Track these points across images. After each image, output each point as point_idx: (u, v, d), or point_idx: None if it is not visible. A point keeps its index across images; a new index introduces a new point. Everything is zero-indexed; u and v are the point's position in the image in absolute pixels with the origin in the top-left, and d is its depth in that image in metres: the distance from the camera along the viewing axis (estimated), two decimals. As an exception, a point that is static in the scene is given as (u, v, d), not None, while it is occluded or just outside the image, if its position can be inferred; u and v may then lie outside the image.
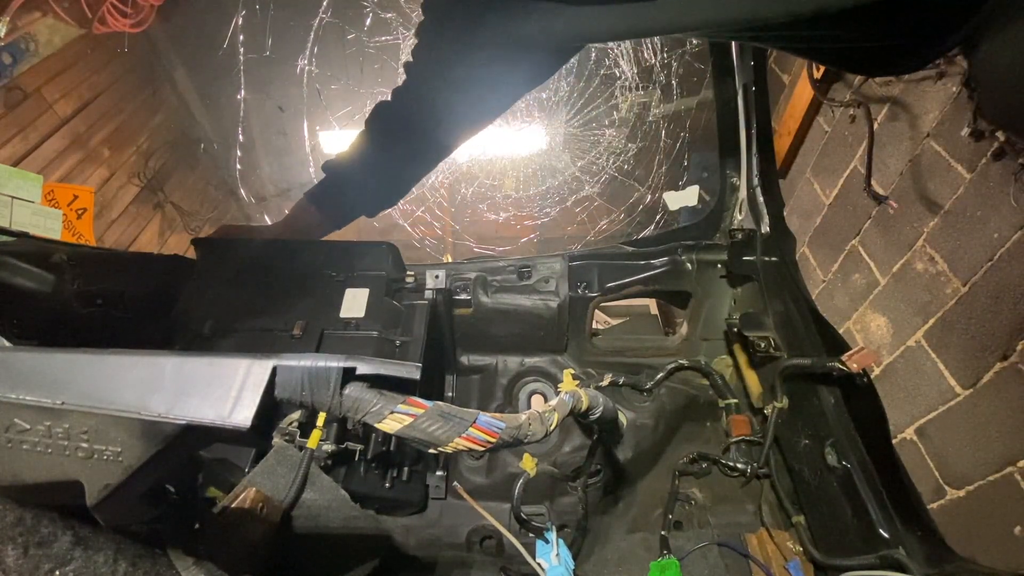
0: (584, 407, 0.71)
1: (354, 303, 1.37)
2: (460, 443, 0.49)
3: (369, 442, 1.18)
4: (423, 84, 1.13)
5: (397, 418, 0.45)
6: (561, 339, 1.45)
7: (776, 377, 1.20)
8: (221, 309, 1.38)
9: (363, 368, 0.44)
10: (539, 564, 0.80)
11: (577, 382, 0.77)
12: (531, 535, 1.03)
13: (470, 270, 1.46)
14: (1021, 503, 1.48)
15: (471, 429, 0.49)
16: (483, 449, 0.51)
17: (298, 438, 1.14)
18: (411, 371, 0.44)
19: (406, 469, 1.20)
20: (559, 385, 0.74)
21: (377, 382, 0.45)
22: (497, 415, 0.52)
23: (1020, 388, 1.51)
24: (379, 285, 1.39)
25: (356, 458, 1.17)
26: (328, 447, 1.12)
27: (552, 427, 0.61)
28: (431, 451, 0.49)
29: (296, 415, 1.09)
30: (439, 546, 1.17)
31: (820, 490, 1.10)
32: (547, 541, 0.79)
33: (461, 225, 4.25)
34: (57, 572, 0.49)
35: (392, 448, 1.19)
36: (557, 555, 0.79)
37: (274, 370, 0.42)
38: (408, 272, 1.43)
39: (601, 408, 0.74)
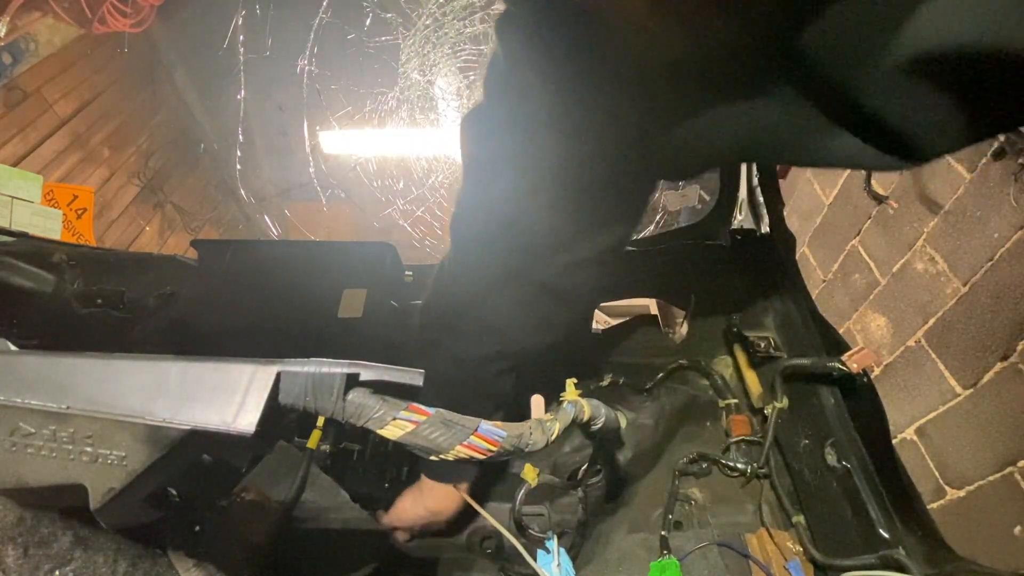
0: (586, 418, 0.71)
1: (352, 303, 1.37)
2: (461, 451, 0.49)
3: (367, 442, 1.18)
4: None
5: (399, 424, 0.46)
6: (561, 339, 1.45)
7: (776, 377, 1.20)
8: (220, 309, 1.38)
9: (366, 374, 0.44)
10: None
11: (579, 392, 0.77)
12: (531, 542, 1.04)
13: (470, 270, 1.46)
14: (1021, 503, 1.48)
15: (472, 437, 0.49)
16: (484, 457, 0.51)
17: (295, 437, 1.15)
18: (414, 377, 0.44)
19: (405, 469, 1.20)
20: (561, 395, 0.74)
21: (380, 387, 0.45)
22: (499, 424, 0.52)
23: (1020, 388, 1.51)
24: (377, 285, 1.39)
25: (354, 458, 1.17)
26: (326, 447, 1.12)
27: (553, 437, 0.61)
28: (432, 458, 0.49)
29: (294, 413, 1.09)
30: (439, 546, 1.17)
31: (820, 490, 1.10)
32: (548, 551, 0.79)
33: (461, 225, 4.24)
34: (57, 572, 0.49)
35: (390, 448, 1.19)
36: (558, 565, 0.79)
37: (278, 376, 0.42)
38: (407, 272, 1.43)
39: (603, 420, 0.74)
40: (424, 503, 1.05)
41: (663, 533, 1.13)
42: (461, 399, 0.88)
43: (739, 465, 1.23)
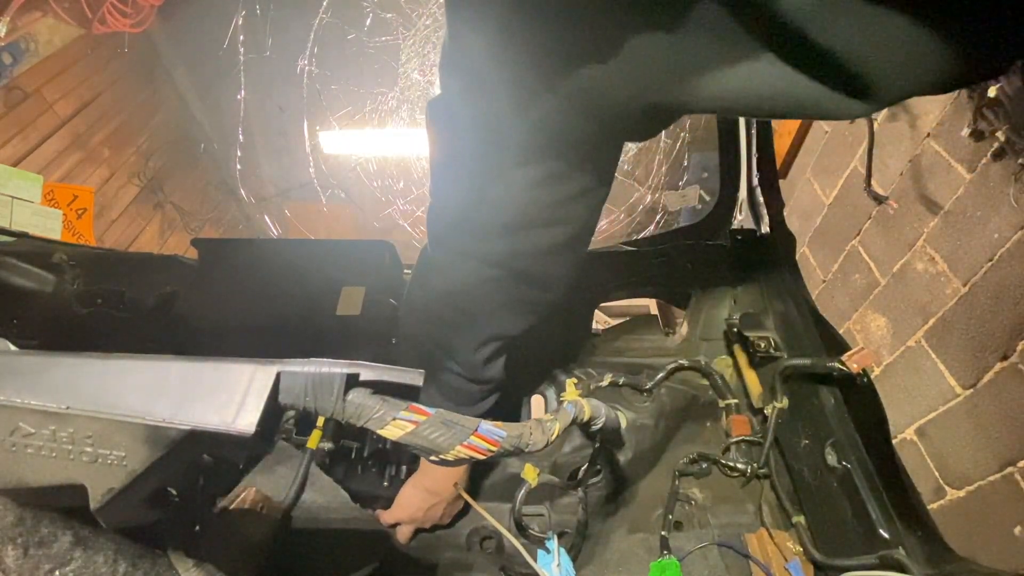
0: (586, 418, 0.71)
1: (350, 301, 1.37)
2: (461, 451, 0.49)
3: (365, 440, 1.18)
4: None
5: (399, 425, 0.46)
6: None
7: (776, 377, 1.20)
8: (220, 308, 1.39)
9: (366, 374, 0.44)
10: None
11: (580, 391, 0.77)
12: (531, 542, 1.04)
13: (470, 270, 1.46)
14: (1021, 503, 1.48)
15: (472, 437, 0.49)
16: (484, 457, 0.51)
17: (294, 435, 1.15)
18: (414, 377, 0.44)
19: (404, 468, 1.21)
20: (561, 395, 0.74)
21: (380, 387, 0.45)
22: (499, 423, 0.52)
23: (1020, 388, 1.51)
24: (376, 283, 1.39)
25: (353, 456, 1.18)
26: (325, 445, 1.12)
27: (553, 437, 0.61)
28: (432, 458, 0.49)
29: (292, 412, 1.10)
30: (439, 546, 1.17)
31: (820, 490, 1.10)
32: (548, 551, 0.79)
33: (461, 225, 4.25)
34: (57, 572, 0.49)
35: (389, 446, 1.19)
36: (558, 565, 0.79)
37: (278, 376, 0.42)
38: (406, 271, 1.44)
39: (603, 420, 0.74)
40: (424, 484, 1.07)
41: (663, 533, 1.13)
42: (451, 385, 0.89)
43: (739, 465, 1.23)
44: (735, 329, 1.34)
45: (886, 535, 0.93)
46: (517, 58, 0.54)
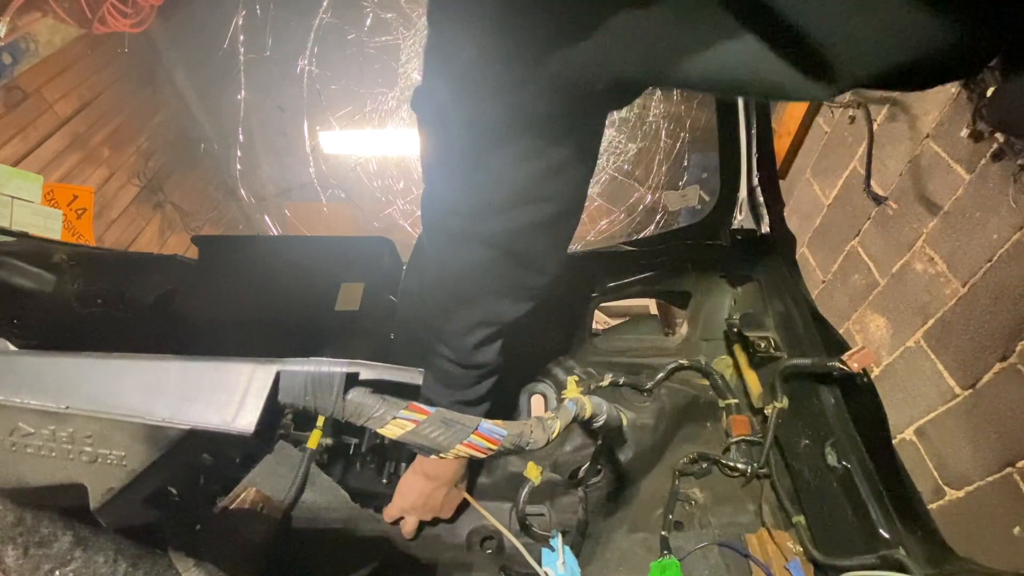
0: (587, 415, 0.71)
1: (349, 297, 1.37)
2: (462, 450, 0.49)
3: (363, 436, 1.18)
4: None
5: (400, 423, 0.45)
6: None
7: (776, 377, 1.20)
8: (220, 305, 1.39)
9: (366, 373, 0.44)
10: (545, 572, 0.80)
11: (581, 389, 0.77)
12: (534, 540, 1.03)
13: (470, 270, 1.46)
14: (1021, 503, 1.48)
15: (473, 436, 0.49)
16: (484, 456, 0.51)
17: (292, 431, 1.15)
18: (413, 376, 0.44)
19: (403, 465, 1.21)
20: (563, 392, 0.74)
21: (379, 386, 0.45)
22: (499, 422, 0.52)
23: (1020, 388, 1.51)
24: (375, 279, 1.39)
25: (351, 452, 1.18)
26: (324, 441, 1.12)
27: (554, 435, 0.61)
28: (432, 457, 0.49)
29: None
30: (439, 546, 1.17)
31: (820, 490, 1.10)
32: (552, 549, 0.79)
33: (461, 225, 4.25)
34: (57, 572, 0.49)
35: (387, 442, 1.19)
36: (563, 563, 0.79)
37: (277, 375, 0.42)
38: (404, 267, 1.44)
39: (605, 416, 0.74)
40: (423, 468, 1.06)
41: (663, 533, 1.13)
42: (443, 369, 0.89)
43: (739, 465, 1.23)
44: (735, 329, 1.34)
45: (886, 535, 0.93)
46: (489, 39, 0.55)
